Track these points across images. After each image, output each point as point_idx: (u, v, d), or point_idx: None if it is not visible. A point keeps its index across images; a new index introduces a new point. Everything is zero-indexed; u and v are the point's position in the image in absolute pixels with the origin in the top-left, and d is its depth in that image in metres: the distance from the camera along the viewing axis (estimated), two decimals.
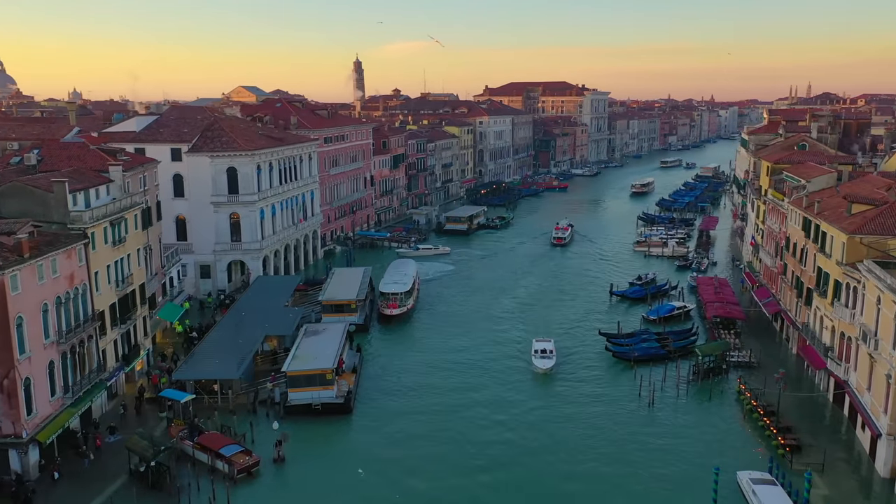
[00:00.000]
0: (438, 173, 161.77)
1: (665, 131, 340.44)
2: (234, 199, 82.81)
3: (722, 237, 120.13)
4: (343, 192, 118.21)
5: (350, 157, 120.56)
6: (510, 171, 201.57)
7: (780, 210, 73.13)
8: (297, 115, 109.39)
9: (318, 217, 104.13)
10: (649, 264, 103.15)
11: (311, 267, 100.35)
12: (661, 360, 63.87)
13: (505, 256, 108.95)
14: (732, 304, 73.72)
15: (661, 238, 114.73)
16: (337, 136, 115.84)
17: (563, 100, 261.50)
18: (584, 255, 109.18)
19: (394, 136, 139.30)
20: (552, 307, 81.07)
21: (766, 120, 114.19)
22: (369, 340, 70.08)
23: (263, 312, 68.29)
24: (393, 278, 78.99)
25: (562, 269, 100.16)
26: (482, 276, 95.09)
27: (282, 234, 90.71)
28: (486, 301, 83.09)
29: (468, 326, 73.64)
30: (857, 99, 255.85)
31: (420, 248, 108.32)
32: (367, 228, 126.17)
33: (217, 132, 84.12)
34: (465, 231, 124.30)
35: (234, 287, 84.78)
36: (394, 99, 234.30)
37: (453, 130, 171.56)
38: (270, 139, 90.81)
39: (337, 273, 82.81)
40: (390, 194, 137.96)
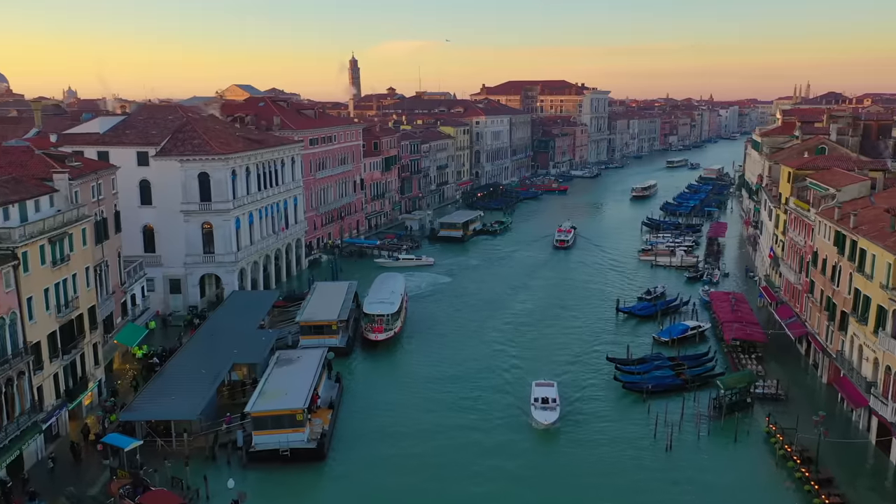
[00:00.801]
0: (433, 176, 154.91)
1: (665, 131, 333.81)
2: (206, 207, 75.82)
3: (731, 244, 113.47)
4: (330, 196, 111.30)
5: (338, 160, 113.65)
6: (508, 172, 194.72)
7: (804, 221, 66.37)
8: (280, 116, 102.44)
9: (303, 224, 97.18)
10: (656, 275, 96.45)
11: (293, 279, 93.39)
12: (676, 390, 57.07)
13: (503, 266, 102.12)
14: (752, 325, 66.97)
15: (668, 246, 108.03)
16: (324, 137, 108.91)
17: (562, 99, 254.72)
18: (586, 265, 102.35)
19: (386, 137, 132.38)
20: (554, 326, 74.18)
21: (779, 121, 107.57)
22: (351, 367, 63.12)
23: (234, 335, 61.35)
24: (379, 296, 71.89)
25: (563, 281, 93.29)
26: (478, 290, 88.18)
27: (261, 244, 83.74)
28: (483, 320, 76.05)
29: (462, 353, 66.08)
30: (862, 98, 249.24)
31: (401, 259, 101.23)
32: (356, 235, 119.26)
33: (189, 134, 77.17)
34: (461, 238, 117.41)
35: (208, 302, 77.85)
36: (388, 98, 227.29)
37: (449, 131, 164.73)
38: (249, 141, 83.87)
39: (319, 288, 75.87)
40: (382, 198, 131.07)
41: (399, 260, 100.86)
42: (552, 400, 52.35)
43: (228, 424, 48.64)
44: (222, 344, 59.57)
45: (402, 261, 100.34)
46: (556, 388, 54.42)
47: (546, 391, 53.54)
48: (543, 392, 53.32)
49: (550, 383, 55.34)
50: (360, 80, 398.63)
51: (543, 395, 52.85)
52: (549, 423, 50.31)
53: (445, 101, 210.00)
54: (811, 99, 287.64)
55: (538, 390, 53.86)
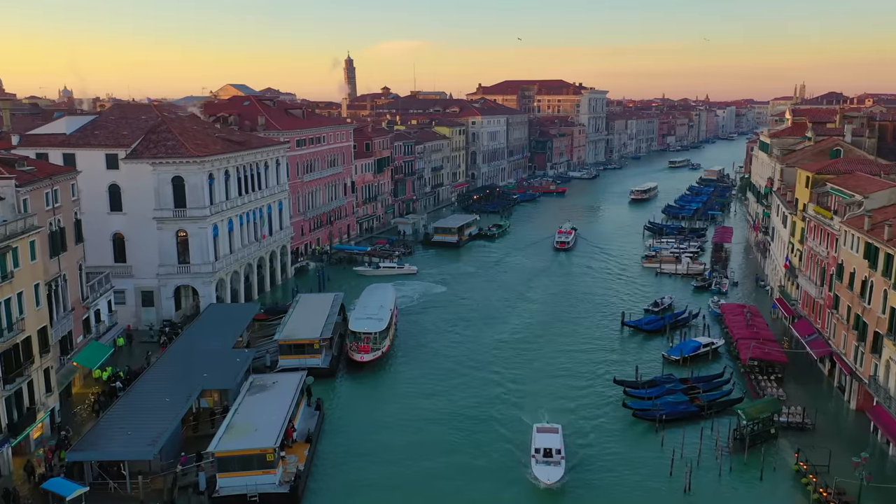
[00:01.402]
0: (427, 177, 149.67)
1: (663, 131, 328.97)
2: (181, 213, 70.38)
3: (736, 250, 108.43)
4: (319, 200, 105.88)
5: (327, 162, 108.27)
6: (504, 174, 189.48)
7: (827, 230, 61.24)
8: (265, 115, 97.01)
9: (288, 230, 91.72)
10: (661, 284, 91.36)
11: (278, 288, 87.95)
12: (691, 418, 51.84)
13: (500, 273, 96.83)
14: (770, 343, 61.77)
15: (673, 252, 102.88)
16: (312, 138, 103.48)
17: (559, 99, 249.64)
18: (587, 273, 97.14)
19: (378, 138, 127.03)
20: (554, 343, 68.82)
21: (788, 121, 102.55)
22: (334, 391, 57.66)
23: (206, 355, 55.90)
24: (366, 312, 66.37)
25: (564, 291, 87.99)
26: (474, 301, 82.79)
27: (241, 252, 78.29)
28: (478, 337, 70.54)
29: (456, 378, 59.89)
30: (864, 98, 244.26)
31: (382, 267, 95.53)
32: (346, 240, 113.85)
33: (162, 135, 71.72)
34: (456, 243, 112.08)
35: (184, 316, 72.38)
36: (382, 97, 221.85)
37: (444, 131, 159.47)
38: (229, 143, 78.42)
39: (302, 301, 70.41)
40: (374, 201, 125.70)
41: (380, 268, 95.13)
42: (556, 451, 44.33)
43: (184, 465, 43.09)
44: (192, 365, 54.10)
45: (384, 269, 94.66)
46: (561, 436, 46.09)
47: (549, 440, 45.26)
48: (546, 441, 45.11)
49: (554, 428, 46.95)
50: (355, 80, 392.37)
51: (546, 444, 44.72)
52: (552, 483, 42.59)
53: (441, 100, 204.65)
54: (811, 99, 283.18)
55: (540, 438, 45.61)
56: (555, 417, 50.56)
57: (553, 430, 46.78)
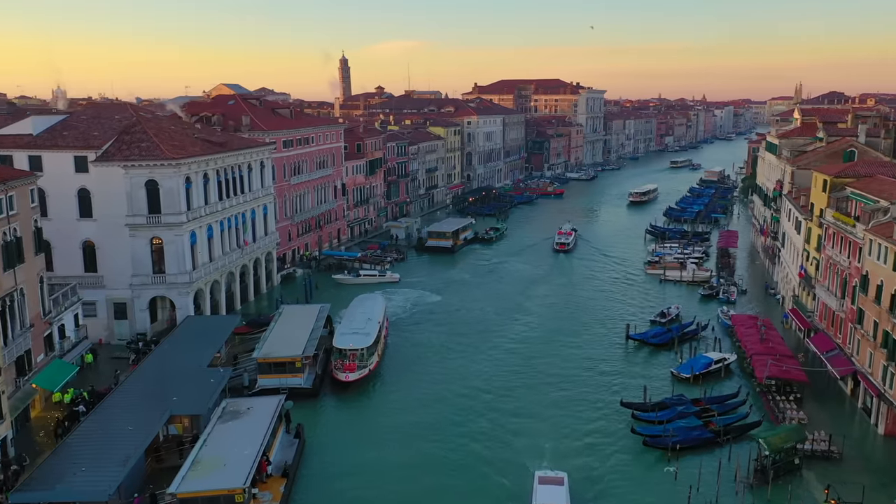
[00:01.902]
0: (422, 179, 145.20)
1: (661, 131, 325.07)
2: (155, 219, 65.78)
3: (741, 255, 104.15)
4: (307, 204, 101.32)
5: (316, 163, 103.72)
6: (501, 175, 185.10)
7: (849, 238, 56.98)
8: (250, 115, 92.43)
9: (274, 236, 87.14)
10: (666, 292, 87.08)
11: (263, 298, 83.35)
12: (706, 446, 47.51)
13: (497, 280, 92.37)
14: (787, 359, 57.44)
15: (677, 258, 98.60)
16: (300, 138, 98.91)
17: (556, 98, 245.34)
18: (589, 280, 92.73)
19: (370, 138, 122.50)
20: (555, 359, 64.30)
21: (797, 121, 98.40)
22: (317, 414, 53.03)
23: (178, 375, 51.34)
24: (352, 325, 61.80)
25: (564, 300, 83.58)
26: (470, 312, 78.32)
27: (222, 260, 73.71)
28: (474, 353, 65.90)
29: (448, 402, 54.77)
30: (865, 98, 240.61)
31: (362, 275, 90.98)
32: (337, 245, 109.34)
33: (136, 136, 67.13)
34: (450, 248, 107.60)
35: (160, 328, 67.87)
36: (376, 97, 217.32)
37: (438, 131, 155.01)
38: (209, 144, 73.82)
39: (285, 314, 65.84)
40: (366, 204, 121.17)
41: (360, 276, 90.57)
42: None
43: None
44: (162, 386, 49.53)
45: (364, 277, 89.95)
46: (567, 489, 40.10)
47: (552, 495, 39.29)
48: (549, 496, 39.21)
49: (559, 479, 40.91)
50: (350, 79, 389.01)
51: (549, 499, 39.01)
52: None
53: (435, 100, 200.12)
54: (812, 99, 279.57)
55: (543, 492, 39.51)
56: (558, 456, 46.06)
57: (558, 480, 40.82)
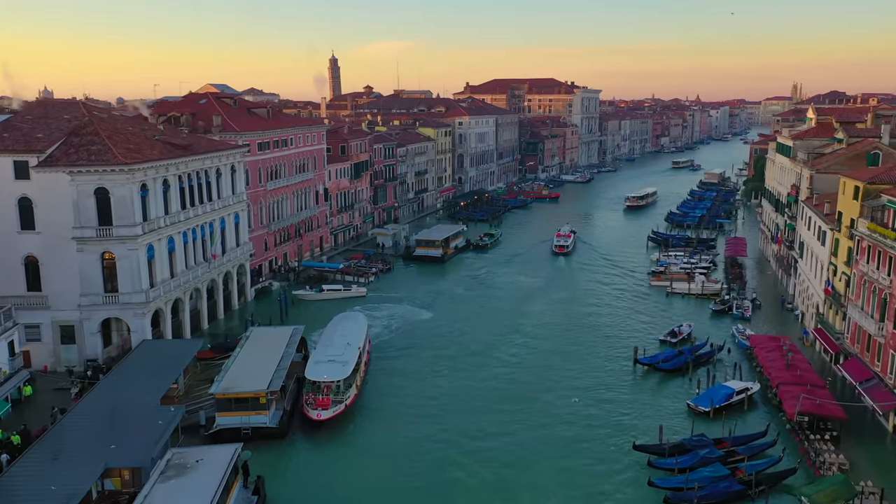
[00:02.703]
0: (411, 182, 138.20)
1: (657, 132, 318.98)
2: (106, 231, 58.52)
3: (749, 264, 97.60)
4: (286, 210, 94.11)
5: (296, 167, 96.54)
6: (494, 177, 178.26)
7: (888, 252, 50.30)
8: (222, 115, 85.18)
9: (247, 247, 79.93)
10: (673, 307, 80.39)
11: (234, 315, 76.14)
12: (736, 500, 40.68)
13: (491, 294, 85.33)
14: (819, 390, 50.70)
15: (684, 268, 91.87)
16: (277, 140, 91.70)
17: (550, 98, 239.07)
18: (590, 293, 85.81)
19: (355, 140, 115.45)
20: (556, 388, 57.34)
21: (812, 121, 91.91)
22: (281, 462, 45.84)
23: (122, 414, 44.24)
24: (328, 352, 54.63)
25: (564, 316, 76.65)
26: (462, 332, 71.15)
27: (186, 276, 66.47)
28: (466, 380, 58.67)
29: (436, 443, 48.02)
30: (868, 97, 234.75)
31: (325, 290, 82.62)
32: (318, 254, 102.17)
33: (87, 138, 59.83)
34: (440, 257, 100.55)
35: (114, 354, 60.64)
36: (364, 97, 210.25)
37: (428, 132, 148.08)
38: (171, 147, 66.57)
39: (252, 338, 58.63)
40: (350, 210, 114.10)
41: (323, 291, 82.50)
42: None
43: None
44: (102, 429, 42.46)
45: (328, 293, 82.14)
46: None
47: None
48: None
49: None
50: (339, 79, 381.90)
51: None
52: None
53: (425, 100, 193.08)
54: (812, 98, 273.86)
55: None
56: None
57: None
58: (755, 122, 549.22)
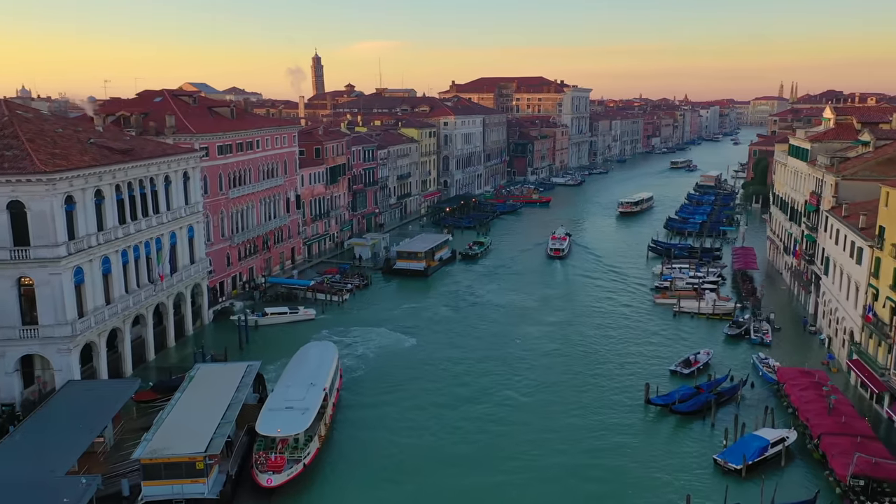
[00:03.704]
0: (393, 187, 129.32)
1: (648, 132, 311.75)
2: (23, 253, 49.32)
3: (758, 277, 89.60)
4: (251, 220, 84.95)
5: (264, 172, 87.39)
6: (481, 181, 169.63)
7: None
8: (177, 115, 75.89)
9: (204, 263, 70.82)
10: (681, 327, 72.18)
11: (187, 342, 67.00)
12: None
13: (482, 315, 76.38)
14: (871, 441, 42.50)
15: (691, 283, 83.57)
16: (242, 142, 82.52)
17: (539, 97, 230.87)
18: (589, 313, 77.14)
19: (331, 142, 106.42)
20: (555, 437, 48.69)
21: (831, 121, 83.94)
22: None
23: (16, 490, 35.27)
24: (287, 395, 45.64)
25: (563, 342, 67.94)
26: (448, 362, 62.27)
27: (125, 301, 57.24)
28: (452, 430, 49.82)
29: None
30: (866, 97, 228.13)
31: (269, 314, 72.36)
32: (290, 267, 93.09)
33: (4, 142, 50.61)
34: (423, 271, 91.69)
35: (35, 396, 51.40)
36: (345, 95, 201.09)
37: (412, 133, 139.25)
38: (108, 152, 57.34)
39: (197, 379, 49.51)
40: (326, 218, 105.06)
41: (266, 316, 71.85)
42: None
43: None
44: None
45: (272, 317, 71.94)
46: None
47: None
48: None
49: None
50: (323, 78, 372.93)
51: None
52: None
53: (409, 98, 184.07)
54: (808, 98, 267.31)
55: None
56: None
57: None
58: (744, 122, 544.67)
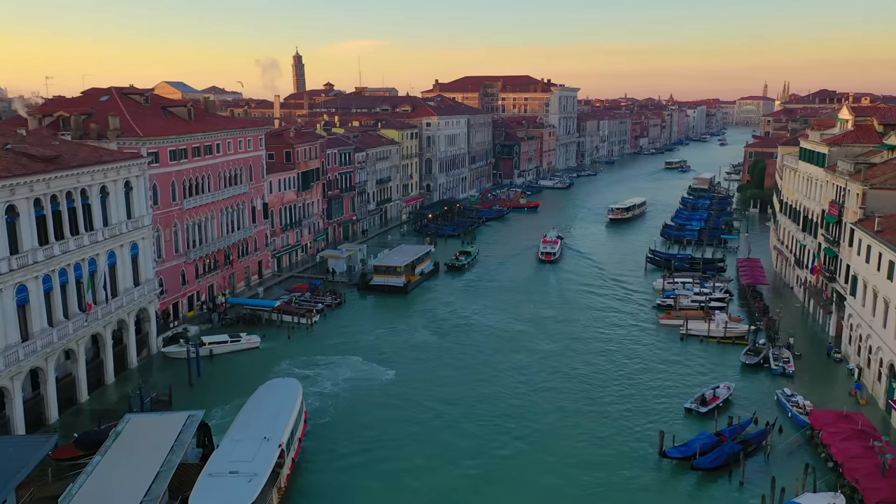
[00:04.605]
0: (372, 192, 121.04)
1: (636, 133, 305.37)
2: None
3: (765, 291, 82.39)
4: (211, 233, 76.36)
5: (225, 178, 78.83)
6: (466, 184, 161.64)
7: None
8: (123, 115, 67.13)
9: (151, 285, 62.23)
10: (689, 353, 64.66)
11: (130, 377, 58.33)
12: None
13: (470, 340, 68.14)
14: None
15: (697, 302, 76.00)
16: (199, 146, 73.90)
17: (526, 97, 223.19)
18: (588, 335, 69.31)
19: (303, 145, 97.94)
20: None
21: (849, 122, 76.71)
22: None
23: None
24: (233, 455, 37.15)
25: (562, 375, 59.92)
26: (431, 402, 54.20)
27: (48, 336, 48.59)
28: (430, 478, 42.29)
29: None
30: (860, 97, 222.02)
31: (208, 343, 62.20)
32: (257, 282, 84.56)
33: None
34: (403, 287, 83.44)
35: None
36: (323, 94, 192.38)
37: (392, 134, 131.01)
38: (27, 160, 48.67)
39: (124, 435, 40.89)
40: (297, 227, 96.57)
41: (205, 346, 61.33)
42: None
43: None
44: None
45: (211, 345, 62.15)
46: None
47: None
48: None
49: None
50: (304, 77, 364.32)
51: None
52: None
53: (390, 98, 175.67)
54: (798, 98, 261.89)
55: None
56: None
57: None
58: (730, 121, 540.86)
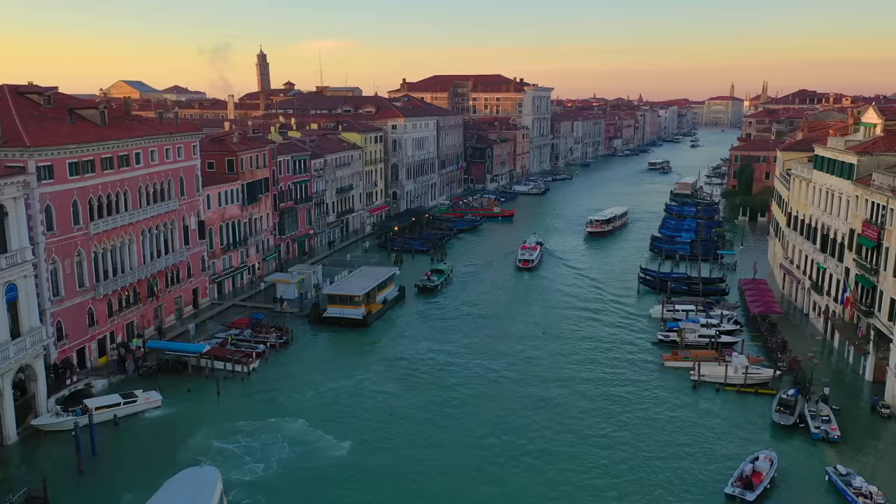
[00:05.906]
0: (331, 202, 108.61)
1: (610, 134, 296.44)
2: None
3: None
4: (129, 260, 63.37)
5: (148, 194, 65.87)
6: (435, 190, 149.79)
7: None
8: (12, 119, 53.94)
9: (37, 335, 49.18)
10: (706, 406, 53.52)
11: (6, 458, 45.27)
12: None
13: (444, 396, 56.28)
14: None
15: (707, 337, 65.01)
16: (110, 156, 60.81)
17: (498, 97, 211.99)
18: (584, 390, 57.84)
19: (248, 152, 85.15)
20: None
21: (878, 127, 66.31)
22: None
23: None
24: None
25: (561, 442, 48.55)
26: (394, 484, 42.39)
27: None
28: None
29: None
30: (840, 97, 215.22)
31: (97, 409, 48.60)
32: (191, 314, 71.72)
33: None
34: (362, 320, 71.18)
35: None
36: (281, 94, 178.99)
37: (354, 138, 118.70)
38: None
39: None
40: (242, 246, 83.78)
41: (88, 411, 47.52)
42: None
43: None
44: None
45: (100, 412, 48.59)
46: None
47: None
48: None
49: None
50: (269, 77, 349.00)
51: None
52: None
53: (353, 98, 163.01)
54: (776, 98, 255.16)
55: None
56: None
57: None
58: (699, 122, 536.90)
